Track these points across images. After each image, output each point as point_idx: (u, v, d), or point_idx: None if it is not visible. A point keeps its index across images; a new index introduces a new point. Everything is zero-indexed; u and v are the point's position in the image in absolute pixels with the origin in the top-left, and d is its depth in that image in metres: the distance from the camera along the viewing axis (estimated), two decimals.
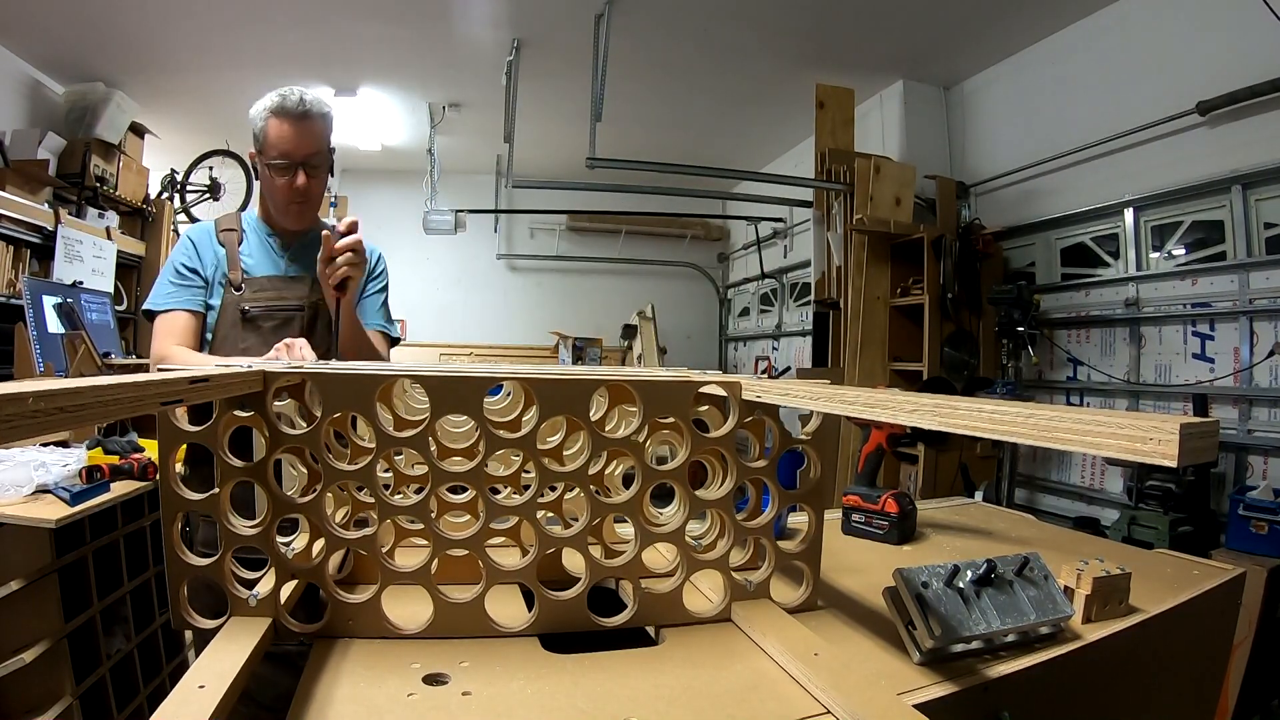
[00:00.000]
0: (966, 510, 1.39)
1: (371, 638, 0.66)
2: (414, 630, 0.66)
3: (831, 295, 3.73)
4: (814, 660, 0.61)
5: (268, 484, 0.66)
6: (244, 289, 1.35)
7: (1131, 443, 0.35)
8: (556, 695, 0.58)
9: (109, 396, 0.39)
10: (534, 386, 0.69)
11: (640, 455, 0.72)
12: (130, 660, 1.68)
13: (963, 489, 3.05)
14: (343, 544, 0.68)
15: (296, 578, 0.67)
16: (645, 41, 3.65)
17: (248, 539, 0.65)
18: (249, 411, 0.66)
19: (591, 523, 0.71)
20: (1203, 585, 0.92)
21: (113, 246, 3.97)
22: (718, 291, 6.83)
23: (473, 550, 0.68)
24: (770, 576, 0.76)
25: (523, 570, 0.69)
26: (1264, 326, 2.52)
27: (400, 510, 0.68)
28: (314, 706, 0.54)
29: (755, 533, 0.76)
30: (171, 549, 0.65)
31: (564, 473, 0.71)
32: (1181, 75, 2.77)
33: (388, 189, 6.16)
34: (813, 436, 0.76)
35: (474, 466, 0.68)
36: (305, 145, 1.30)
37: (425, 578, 0.67)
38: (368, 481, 0.67)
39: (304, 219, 1.39)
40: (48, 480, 1.43)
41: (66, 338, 2.40)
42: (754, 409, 0.74)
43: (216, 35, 3.70)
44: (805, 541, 0.77)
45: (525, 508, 0.70)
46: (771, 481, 0.75)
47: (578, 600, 0.70)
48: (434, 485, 0.68)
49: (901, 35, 3.57)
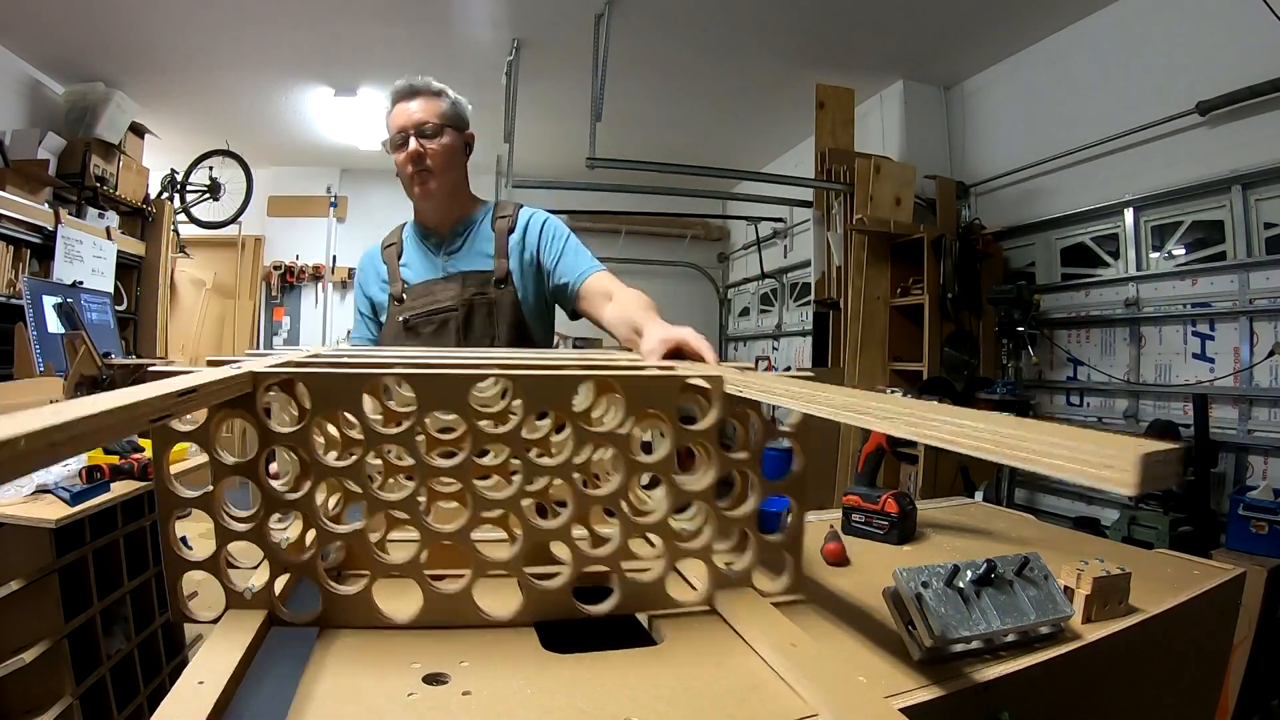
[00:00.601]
0: (966, 510, 1.39)
1: (363, 628, 0.68)
2: (405, 620, 0.69)
3: (831, 295, 3.73)
4: (791, 651, 0.63)
5: (260, 481, 0.67)
6: (404, 300, 1.37)
7: (1090, 468, 0.35)
8: (556, 695, 0.58)
9: (100, 423, 0.39)
10: (518, 382, 0.71)
11: (625, 449, 0.73)
12: (130, 660, 1.67)
13: (963, 489, 3.05)
14: (335, 538, 0.69)
15: (289, 571, 0.69)
16: (645, 41, 3.65)
17: (242, 534, 0.67)
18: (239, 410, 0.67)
19: (576, 514, 0.73)
20: (1203, 585, 0.92)
21: (113, 246, 3.98)
22: (718, 291, 6.83)
23: (460, 543, 0.70)
24: (752, 565, 0.78)
25: (509, 562, 0.71)
26: (1264, 326, 2.52)
27: (390, 505, 0.70)
28: (313, 706, 0.54)
29: (738, 522, 0.78)
30: (169, 545, 0.67)
31: (550, 466, 0.73)
32: (1181, 75, 2.77)
33: (388, 189, 6.09)
34: (795, 428, 0.78)
35: (461, 461, 0.70)
36: (414, 116, 1.33)
37: (415, 570, 0.69)
38: (357, 478, 0.69)
39: (430, 193, 1.36)
40: (48, 480, 1.43)
41: (66, 338, 2.40)
42: (736, 403, 0.76)
43: (216, 35, 3.71)
44: (784, 530, 0.80)
45: (511, 500, 0.72)
46: (755, 472, 0.78)
47: (563, 589, 0.71)
48: (422, 480, 0.70)
49: (901, 35, 3.57)
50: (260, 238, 6.14)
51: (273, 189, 5.98)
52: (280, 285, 6.22)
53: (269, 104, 4.71)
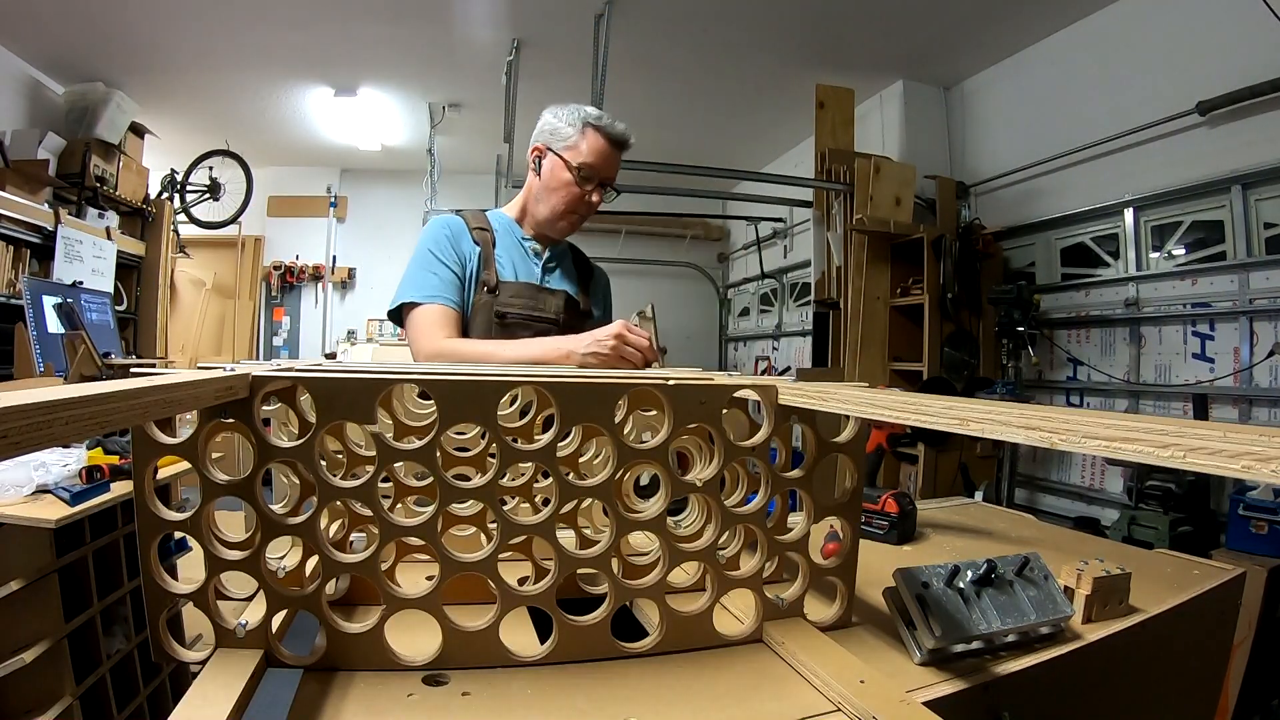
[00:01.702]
0: (966, 510, 1.39)
1: (374, 670, 0.61)
2: (421, 662, 0.61)
3: (831, 295, 3.73)
4: (851, 683, 0.58)
5: (256, 502, 0.60)
6: (499, 293, 1.32)
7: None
8: (556, 695, 0.58)
9: (89, 410, 0.34)
10: (554, 392, 0.63)
11: (667, 466, 0.66)
12: (130, 660, 1.67)
13: (963, 489, 3.05)
14: (342, 568, 0.61)
15: (289, 605, 0.61)
16: (645, 41, 3.65)
17: (234, 564, 0.60)
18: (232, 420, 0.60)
19: (615, 540, 0.65)
20: (1203, 585, 0.92)
21: (113, 246, 3.98)
22: (718, 291, 6.83)
23: (485, 574, 0.63)
24: (804, 594, 0.72)
25: (541, 594, 0.63)
26: (1264, 326, 2.52)
27: (406, 531, 0.62)
28: (312, 707, 0.54)
29: (790, 548, 0.71)
30: (150, 575, 0.58)
31: (587, 487, 0.65)
32: (1181, 75, 2.77)
33: (388, 189, 6.16)
34: (849, 444, 0.71)
35: (488, 482, 0.62)
36: (613, 168, 1.37)
37: (434, 605, 0.62)
38: (369, 500, 0.61)
39: (571, 231, 1.41)
40: (48, 480, 1.43)
41: (66, 338, 2.40)
42: (789, 414, 0.69)
43: (216, 35, 3.71)
44: (841, 556, 0.73)
45: (544, 525, 0.64)
46: (808, 492, 0.71)
47: (601, 626, 0.65)
48: (442, 503, 0.62)
49: (901, 35, 3.57)
50: (260, 238, 6.14)
51: (273, 189, 5.98)
52: (280, 285, 6.22)
53: (269, 104, 4.71)
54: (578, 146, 1.33)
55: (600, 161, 1.33)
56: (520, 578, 0.71)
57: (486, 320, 1.31)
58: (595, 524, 0.84)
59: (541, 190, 1.38)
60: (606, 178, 1.36)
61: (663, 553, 0.67)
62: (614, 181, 1.39)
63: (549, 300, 1.35)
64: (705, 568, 0.69)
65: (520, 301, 1.33)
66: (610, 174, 1.37)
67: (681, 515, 0.88)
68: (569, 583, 0.70)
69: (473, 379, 0.62)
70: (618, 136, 1.34)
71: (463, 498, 0.63)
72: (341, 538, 0.75)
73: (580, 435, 0.82)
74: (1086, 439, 0.35)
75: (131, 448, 0.57)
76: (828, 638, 0.68)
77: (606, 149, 1.34)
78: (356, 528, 0.76)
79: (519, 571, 0.71)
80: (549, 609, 0.64)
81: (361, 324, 6.38)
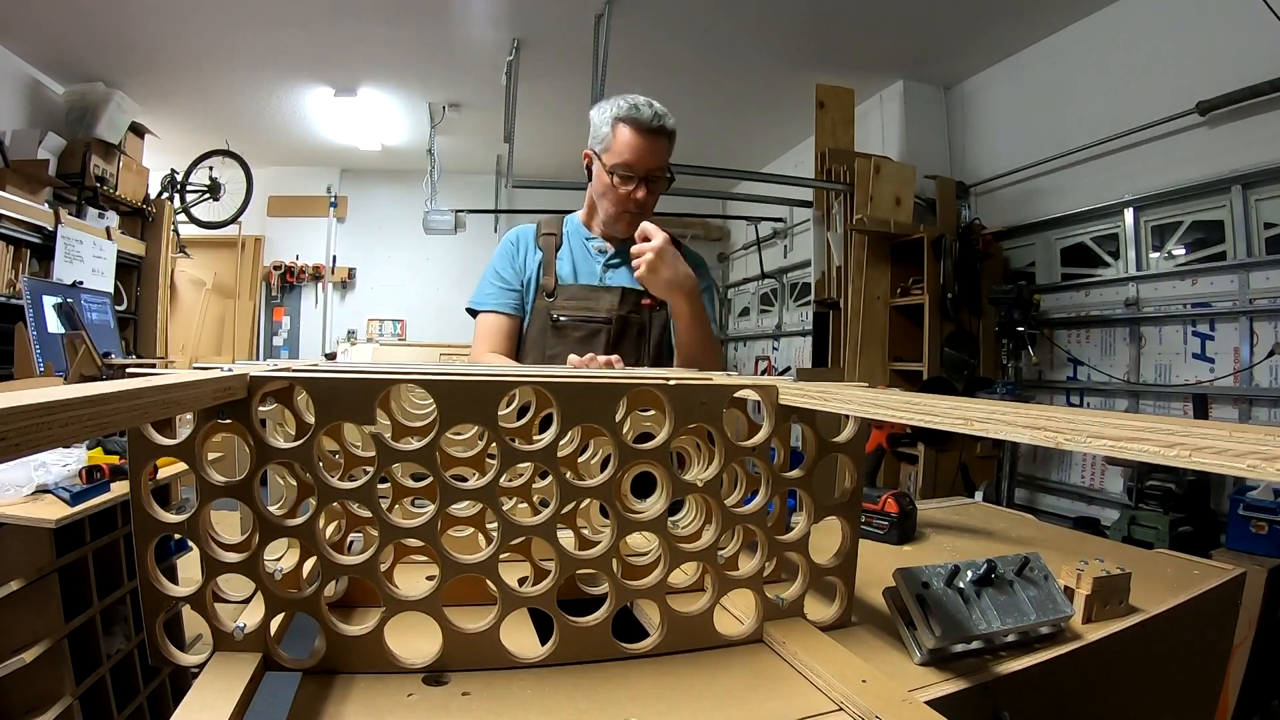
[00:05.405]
0: (966, 510, 1.39)
1: (373, 673, 0.60)
2: (421, 664, 0.61)
3: (831, 295, 3.73)
4: (862, 687, 0.58)
5: (254, 504, 0.59)
6: (556, 296, 1.35)
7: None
8: (556, 695, 0.58)
9: (88, 411, 0.33)
10: (554, 392, 0.62)
11: (668, 466, 0.66)
12: (130, 660, 1.67)
13: (963, 489, 3.05)
14: (341, 570, 0.61)
15: (288, 608, 0.61)
16: (645, 41, 3.65)
17: (232, 566, 0.59)
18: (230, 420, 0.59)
19: (615, 541, 0.65)
20: (1203, 585, 0.92)
21: (113, 246, 3.98)
22: (718, 291, 6.82)
23: (486, 575, 0.63)
24: (804, 594, 0.72)
25: (542, 596, 0.63)
26: (1264, 326, 2.52)
27: (406, 533, 0.61)
28: (311, 710, 0.54)
29: (790, 548, 0.72)
30: (146, 578, 0.58)
31: (588, 488, 0.65)
32: (1181, 75, 2.77)
33: (388, 189, 6.16)
34: (849, 444, 0.71)
35: (488, 484, 0.62)
36: (652, 159, 1.30)
37: (434, 606, 0.62)
38: (368, 502, 0.61)
39: (632, 230, 1.33)
40: (48, 480, 1.43)
41: (66, 338, 2.40)
42: (789, 414, 0.69)
43: (216, 35, 3.71)
44: (840, 555, 0.73)
45: (545, 527, 0.64)
46: (807, 492, 0.71)
47: (601, 626, 0.64)
48: (443, 504, 0.61)
49: (901, 35, 3.57)
50: (260, 238, 6.14)
51: (273, 189, 5.98)
52: (280, 285, 6.22)
53: (269, 104, 4.71)
54: (612, 146, 1.31)
55: (635, 157, 1.29)
56: (520, 578, 0.71)
57: (542, 324, 1.36)
58: (594, 525, 0.84)
59: (594, 194, 1.39)
60: (650, 170, 1.31)
61: (663, 553, 0.67)
62: (662, 170, 1.32)
63: (602, 299, 1.36)
64: (705, 568, 0.69)
65: (573, 304, 1.36)
66: (652, 165, 1.30)
67: (679, 515, 0.88)
68: (569, 584, 0.70)
69: (473, 379, 0.61)
70: (647, 124, 1.27)
71: (462, 498, 0.63)
72: (339, 539, 0.75)
73: (580, 435, 0.82)
74: (1092, 439, 0.35)
75: (128, 449, 0.57)
76: (828, 638, 0.68)
77: (639, 142, 1.28)
78: (354, 529, 0.76)
79: (519, 572, 0.71)
80: (550, 610, 0.64)
81: (361, 324, 6.38)
